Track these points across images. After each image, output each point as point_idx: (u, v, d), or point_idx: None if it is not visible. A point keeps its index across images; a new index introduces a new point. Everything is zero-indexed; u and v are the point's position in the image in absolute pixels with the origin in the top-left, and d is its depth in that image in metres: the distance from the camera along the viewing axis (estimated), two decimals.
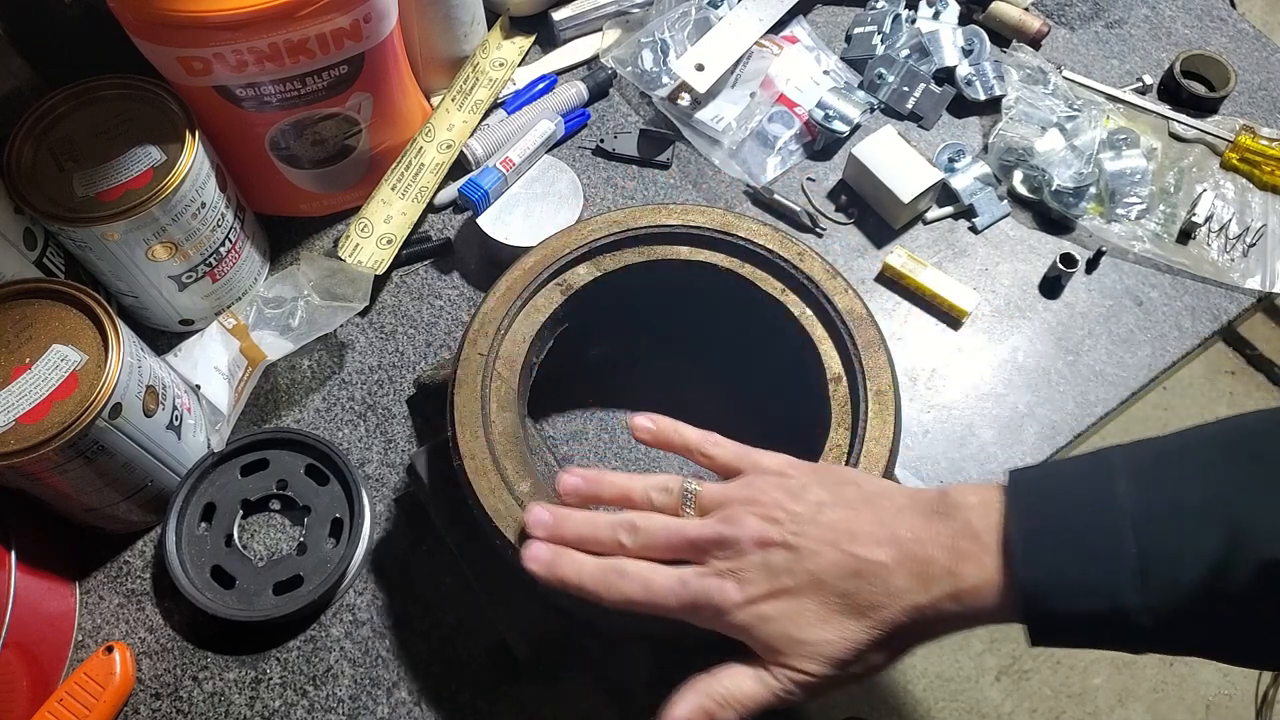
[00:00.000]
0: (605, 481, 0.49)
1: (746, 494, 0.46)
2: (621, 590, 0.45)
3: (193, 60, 0.60)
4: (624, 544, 0.46)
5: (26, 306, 0.56)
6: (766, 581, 0.44)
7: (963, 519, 0.43)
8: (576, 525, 0.48)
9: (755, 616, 0.44)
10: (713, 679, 0.45)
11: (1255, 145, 0.80)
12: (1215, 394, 1.72)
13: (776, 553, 0.44)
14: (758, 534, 0.44)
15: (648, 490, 0.48)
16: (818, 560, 0.44)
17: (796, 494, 0.46)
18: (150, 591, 0.62)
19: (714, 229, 0.61)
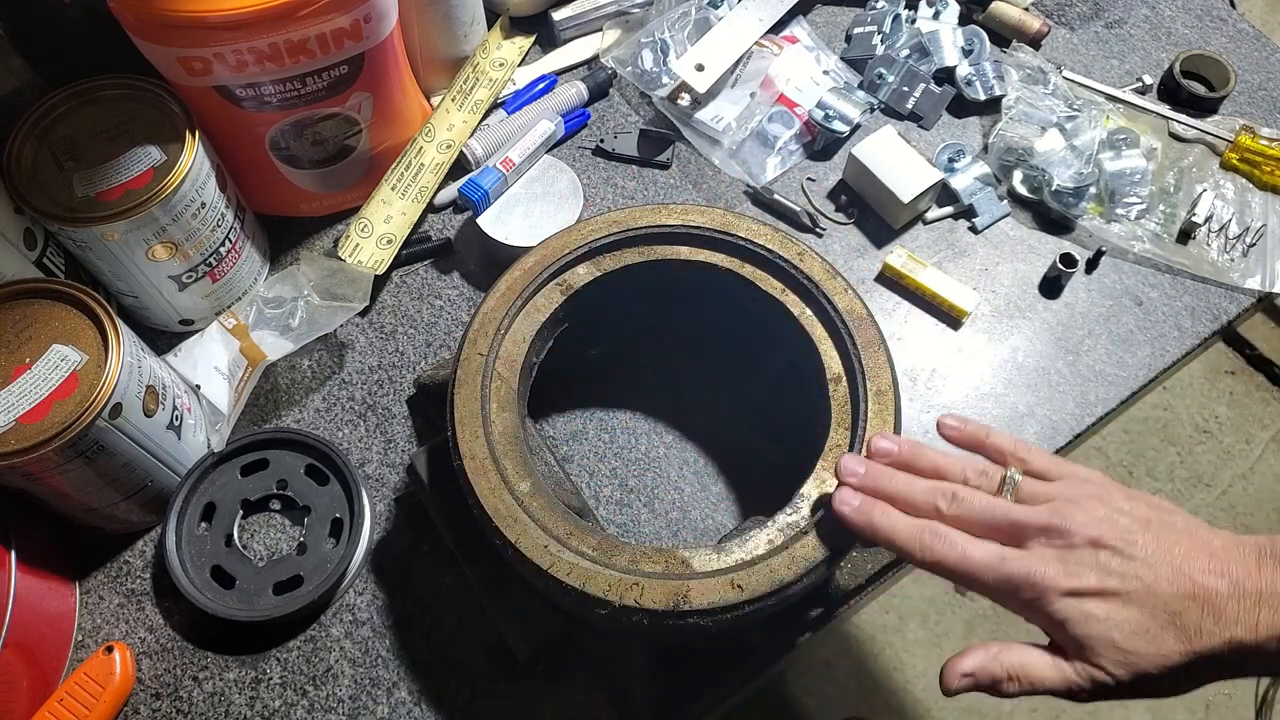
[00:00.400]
0: (922, 452, 0.50)
1: (1071, 493, 0.46)
2: (935, 551, 0.45)
3: (193, 60, 0.60)
4: (941, 509, 0.46)
5: (27, 306, 0.56)
6: (1096, 578, 0.43)
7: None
8: (892, 481, 0.48)
9: (1078, 610, 0.43)
10: (1006, 649, 0.45)
11: (1255, 145, 0.80)
12: (1215, 394, 1.72)
13: (1109, 554, 0.44)
14: (1091, 531, 0.44)
15: (965, 469, 0.48)
16: (1153, 573, 0.43)
17: (1122, 507, 0.45)
18: (150, 591, 0.62)
19: (714, 229, 0.61)
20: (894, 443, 0.50)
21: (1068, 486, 0.46)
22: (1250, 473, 1.65)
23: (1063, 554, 0.44)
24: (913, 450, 0.50)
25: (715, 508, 0.66)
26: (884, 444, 0.50)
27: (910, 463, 0.49)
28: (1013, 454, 0.49)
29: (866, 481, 0.49)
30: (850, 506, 0.48)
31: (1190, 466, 1.65)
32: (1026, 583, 0.44)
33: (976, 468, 0.48)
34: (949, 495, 0.47)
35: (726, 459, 0.67)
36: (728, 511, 0.66)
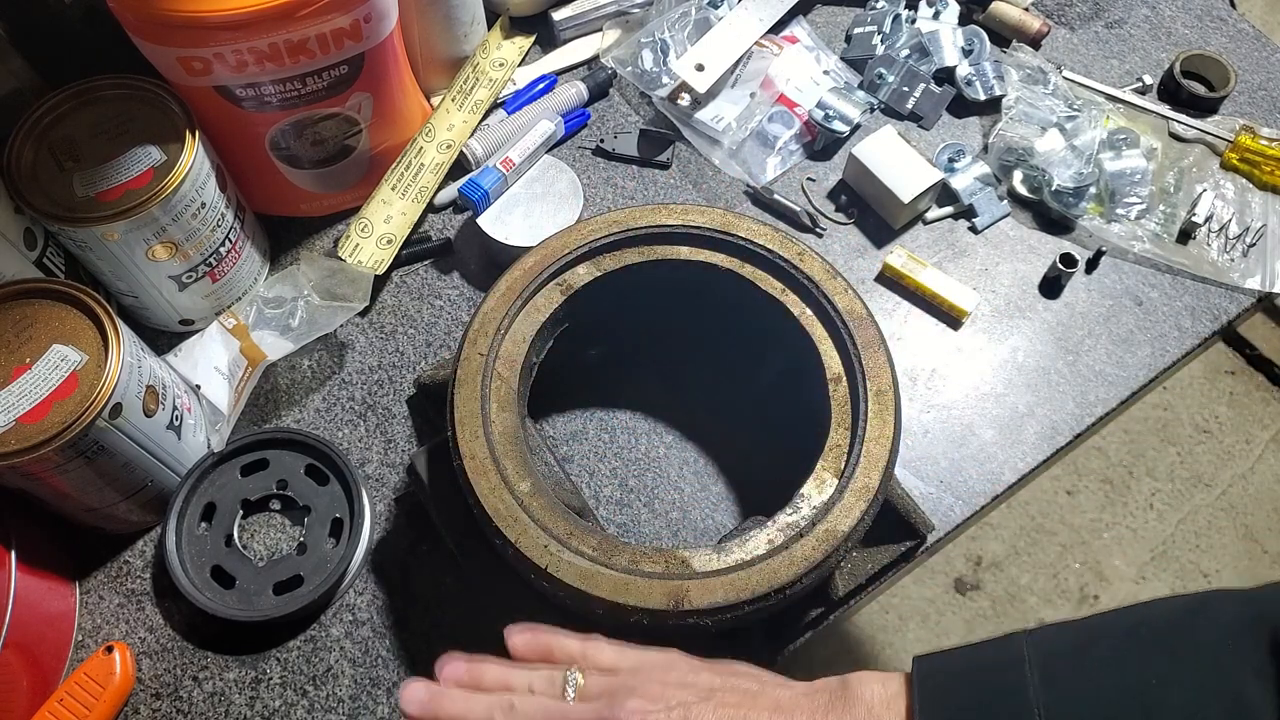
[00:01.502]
0: (483, 669, 0.48)
1: (632, 682, 0.44)
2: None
3: (193, 60, 0.60)
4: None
5: (27, 306, 0.56)
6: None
7: (864, 710, 0.42)
8: (452, 704, 0.46)
9: None
10: None
11: (1255, 145, 0.80)
12: (1215, 394, 1.72)
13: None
14: (642, 712, 0.42)
15: (531, 680, 0.47)
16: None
17: (686, 680, 0.44)
18: (150, 591, 0.62)
19: (714, 229, 0.61)
20: (463, 662, 0.48)
21: (631, 675, 0.45)
22: (1250, 473, 1.65)
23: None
24: (479, 667, 0.48)
25: (715, 508, 0.66)
26: (451, 667, 0.48)
27: (478, 680, 0.48)
28: (580, 655, 0.48)
29: (428, 710, 0.47)
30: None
31: (1190, 466, 1.65)
32: None
33: (543, 675, 0.47)
34: (506, 708, 0.45)
35: (726, 459, 0.67)
36: (728, 511, 0.66)
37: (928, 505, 0.65)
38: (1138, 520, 1.58)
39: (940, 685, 0.41)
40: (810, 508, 0.53)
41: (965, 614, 1.50)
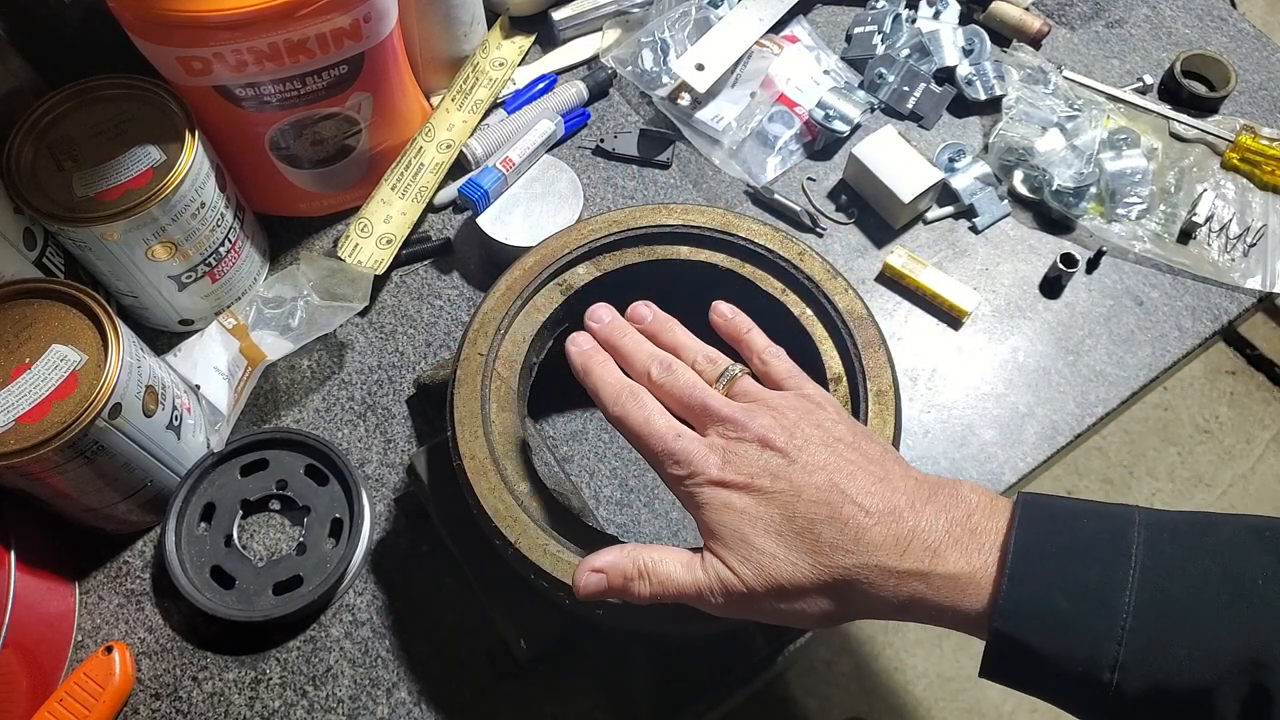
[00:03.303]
0: (670, 327, 0.51)
1: (776, 402, 0.46)
2: (625, 409, 0.46)
3: (192, 60, 0.60)
4: (651, 375, 0.47)
5: (26, 306, 0.56)
6: (747, 472, 0.43)
7: (965, 510, 0.41)
8: (626, 338, 0.49)
9: (717, 499, 0.43)
10: (646, 549, 0.45)
11: (1256, 145, 0.80)
12: (1216, 394, 1.72)
13: (772, 455, 0.43)
14: (763, 431, 0.44)
15: (697, 353, 0.49)
16: (805, 478, 0.42)
17: (820, 423, 0.45)
18: (150, 591, 0.62)
19: (714, 229, 0.61)
20: (651, 312, 0.51)
21: (781, 397, 0.46)
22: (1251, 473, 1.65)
23: (730, 445, 0.44)
24: (663, 323, 0.51)
25: None
26: (641, 310, 0.51)
27: (656, 333, 0.50)
28: (758, 353, 0.50)
29: (603, 331, 0.50)
30: (578, 348, 0.49)
31: (1191, 466, 1.65)
32: (684, 459, 0.44)
33: (708, 355, 0.49)
34: (664, 365, 0.48)
35: None
36: None
37: None
38: None
39: (1044, 514, 0.40)
40: None
41: None
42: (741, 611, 0.43)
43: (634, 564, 0.44)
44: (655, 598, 0.44)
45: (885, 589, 0.41)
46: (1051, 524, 0.40)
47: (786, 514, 0.42)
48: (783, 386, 0.48)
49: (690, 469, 0.44)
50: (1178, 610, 0.37)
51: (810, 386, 0.48)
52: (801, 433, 0.44)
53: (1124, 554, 0.38)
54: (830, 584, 0.41)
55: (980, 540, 0.40)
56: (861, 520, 0.41)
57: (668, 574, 0.44)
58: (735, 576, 0.42)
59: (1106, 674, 0.36)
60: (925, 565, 0.40)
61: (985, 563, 0.40)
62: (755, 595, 0.42)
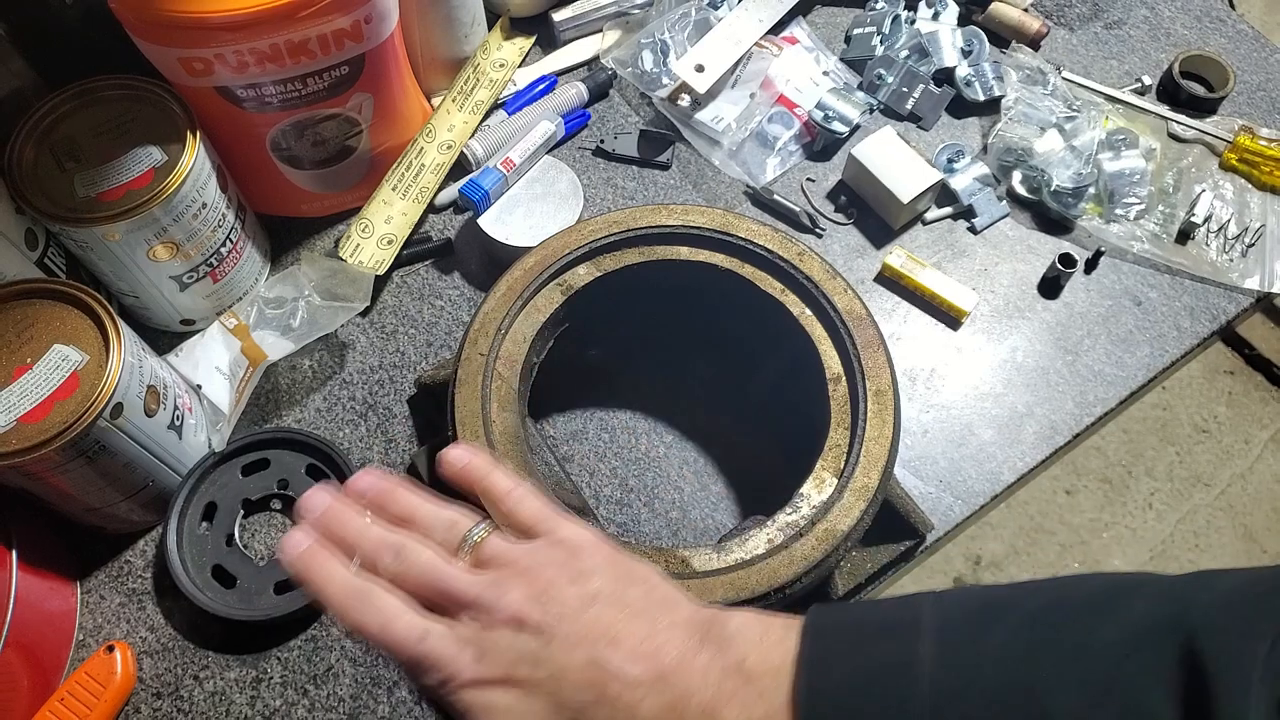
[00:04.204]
0: (396, 495, 0.44)
1: (526, 563, 0.41)
2: (360, 618, 0.40)
3: (194, 61, 0.60)
4: (382, 565, 0.41)
5: (28, 306, 0.56)
6: (504, 663, 0.39)
7: (738, 653, 0.38)
8: (346, 525, 0.42)
9: (478, 701, 0.39)
10: None
11: (1254, 145, 0.80)
12: (1214, 394, 1.73)
13: (527, 637, 0.39)
14: (515, 609, 0.39)
15: (434, 521, 0.43)
16: (566, 658, 0.38)
17: (577, 578, 0.40)
18: (151, 591, 0.62)
19: (714, 229, 0.61)
20: (372, 482, 0.44)
21: (531, 553, 0.41)
22: (1249, 472, 1.65)
23: (481, 635, 0.39)
24: (388, 492, 0.44)
25: (715, 508, 0.66)
26: (361, 482, 0.44)
27: (383, 505, 0.44)
28: (502, 501, 0.43)
29: (320, 522, 0.43)
30: (292, 553, 0.41)
31: (1189, 466, 1.65)
32: (434, 666, 0.39)
33: (447, 520, 0.43)
34: (395, 549, 0.41)
35: (726, 458, 0.67)
36: (728, 511, 0.66)
37: (927, 505, 0.65)
38: (1137, 520, 1.59)
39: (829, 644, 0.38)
40: (810, 507, 0.53)
41: None
42: None
43: None
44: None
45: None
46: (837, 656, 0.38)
47: (554, 703, 0.38)
48: (535, 532, 0.43)
49: (443, 673, 0.39)
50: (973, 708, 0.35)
51: (564, 528, 0.43)
52: (557, 598, 0.40)
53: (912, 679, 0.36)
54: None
55: (759, 686, 0.37)
56: (629, 696, 0.38)
57: None
58: None
59: None
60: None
61: (767, 713, 0.37)
62: None
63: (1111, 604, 0.36)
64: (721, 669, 0.38)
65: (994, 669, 0.35)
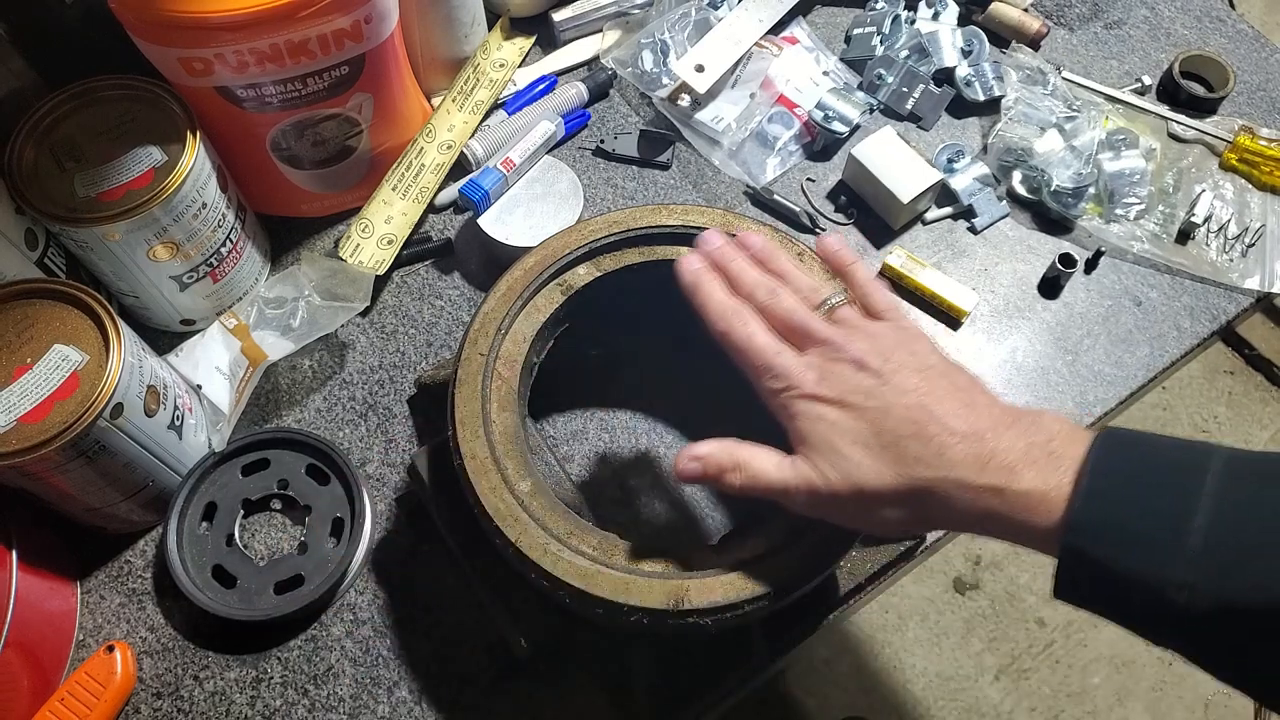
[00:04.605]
0: (778, 256, 0.53)
1: (874, 329, 0.48)
2: (731, 325, 0.49)
3: (194, 61, 0.60)
4: (756, 297, 0.50)
5: (28, 306, 0.56)
6: (841, 389, 0.46)
7: (1045, 435, 0.43)
8: (735, 262, 0.52)
9: (811, 411, 0.46)
10: (742, 445, 0.48)
11: (1254, 146, 0.80)
12: (1214, 394, 1.73)
13: (866, 376, 0.46)
14: (859, 354, 0.46)
15: (801, 281, 0.51)
16: (896, 398, 0.45)
17: (915, 351, 0.47)
18: (151, 591, 0.62)
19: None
20: (761, 240, 0.53)
21: (880, 326, 0.49)
22: None
23: (826, 365, 0.47)
24: (771, 252, 0.53)
25: (715, 508, 0.66)
26: (752, 238, 0.53)
27: (764, 260, 0.53)
28: (860, 284, 0.51)
29: (715, 254, 0.52)
30: (689, 267, 0.51)
31: None
32: (783, 374, 0.47)
33: (812, 284, 0.51)
34: (769, 289, 0.50)
35: None
36: (728, 511, 0.66)
37: None
38: None
39: (1123, 443, 0.42)
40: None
41: (964, 613, 1.51)
42: (823, 512, 0.47)
43: (730, 456, 0.47)
44: (745, 490, 0.47)
45: (962, 502, 0.43)
46: (1130, 451, 0.41)
47: (875, 428, 0.45)
48: (882, 317, 0.50)
49: (787, 383, 0.47)
50: (1249, 537, 0.37)
51: (908, 320, 0.50)
52: (895, 358, 0.46)
53: (1197, 481, 0.39)
54: (910, 493, 0.44)
55: (1057, 463, 0.42)
56: (945, 439, 0.44)
57: (760, 468, 0.47)
58: (822, 478, 0.45)
59: (1174, 594, 0.37)
60: (1001, 482, 0.42)
61: (1060, 483, 0.41)
62: (838, 497, 0.45)
63: None
64: (1029, 443, 0.43)
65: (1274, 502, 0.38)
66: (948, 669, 1.47)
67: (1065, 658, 1.48)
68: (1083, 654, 1.48)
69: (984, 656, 1.48)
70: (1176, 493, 0.39)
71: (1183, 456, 0.41)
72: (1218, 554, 0.37)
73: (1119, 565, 0.39)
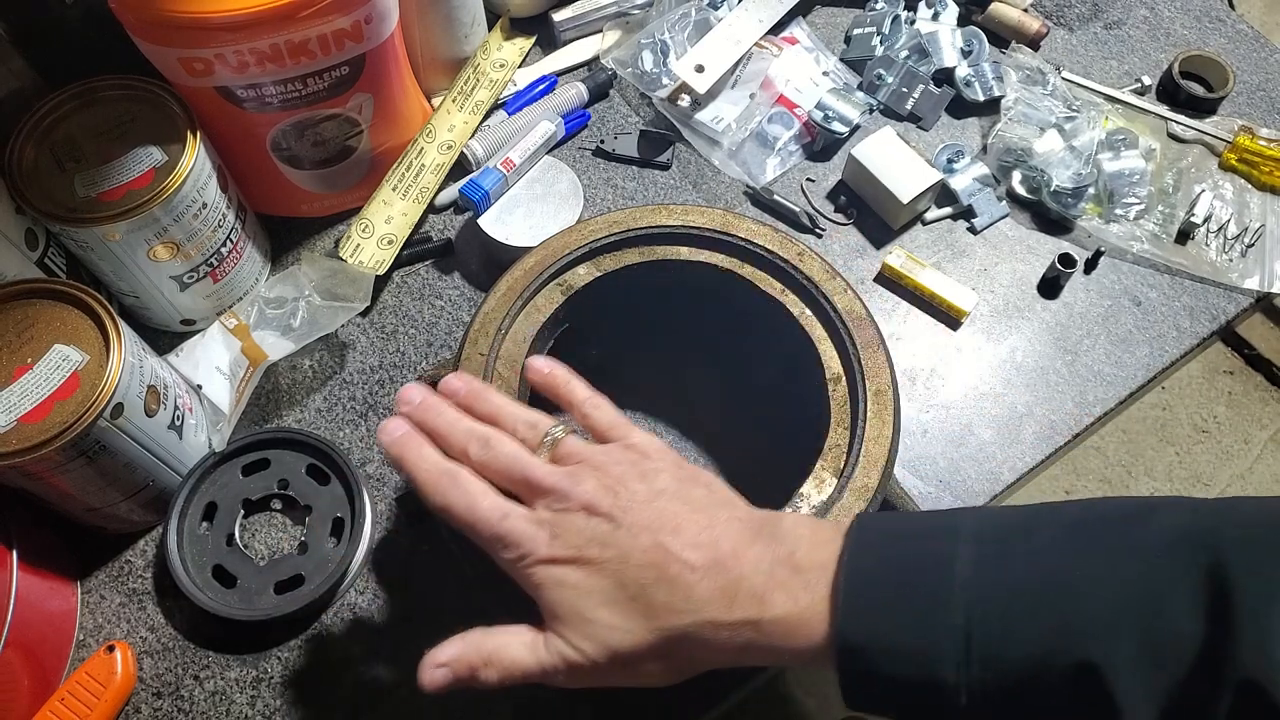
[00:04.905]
0: (485, 396, 0.49)
1: (600, 460, 0.45)
2: (446, 496, 0.45)
3: (194, 61, 0.60)
4: (470, 453, 0.46)
5: (28, 307, 0.56)
6: (576, 543, 0.43)
7: (788, 548, 0.42)
8: (439, 417, 0.47)
9: (551, 577, 0.43)
10: (487, 634, 0.45)
11: (1254, 146, 0.80)
12: (1214, 394, 1.73)
13: (599, 522, 0.43)
14: (589, 498, 0.43)
15: (517, 420, 0.48)
16: (632, 541, 0.42)
17: (645, 475, 0.45)
18: (152, 591, 0.62)
19: (714, 229, 0.61)
20: (464, 383, 0.49)
21: (605, 453, 0.46)
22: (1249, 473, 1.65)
23: (557, 518, 0.43)
24: (478, 393, 0.49)
25: None
26: (454, 383, 0.49)
27: (471, 404, 0.49)
28: (579, 406, 0.49)
29: (415, 413, 0.48)
30: (390, 436, 0.47)
31: (1189, 466, 1.65)
32: (514, 542, 0.43)
33: (528, 419, 0.48)
34: (482, 441, 0.46)
35: (726, 459, 0.67)
36: None
37: (927, 504, 0.65)
38: None
39: (871, 543, 0.41)
40: (810, 507, 0.53)
41: None
42: (587, 683, 0.44)
43: (478, 653, 0.44)
44: (503, 683, 0.44)
45: (719, 641, 0.41)
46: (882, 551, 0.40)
47: (618, 581, 0.42)
48: (608, 438, 0.47)
49: (519, 550, 0.43)
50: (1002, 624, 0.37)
51: (635, 435, 0.47)
52: (626, 491, 0.44)
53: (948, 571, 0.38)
54: (665, 644, 0.42)
55: (805, 578, 0.41)
56: (688, 577, 0.41)
57: (514, 659, 0.44)
58: (577, 653, 0.43)
59: (955, 697, 0.37)
60: (753, 614, 0.41)
61: (810, 601, 0.40)
62: (598, 667, 0.43)
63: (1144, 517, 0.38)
64: (773, 559, 0.41)
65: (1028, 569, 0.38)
66: None
67: None
68: None
69: None
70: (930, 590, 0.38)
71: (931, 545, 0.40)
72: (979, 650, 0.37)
73: (896, 676, 0.38)
